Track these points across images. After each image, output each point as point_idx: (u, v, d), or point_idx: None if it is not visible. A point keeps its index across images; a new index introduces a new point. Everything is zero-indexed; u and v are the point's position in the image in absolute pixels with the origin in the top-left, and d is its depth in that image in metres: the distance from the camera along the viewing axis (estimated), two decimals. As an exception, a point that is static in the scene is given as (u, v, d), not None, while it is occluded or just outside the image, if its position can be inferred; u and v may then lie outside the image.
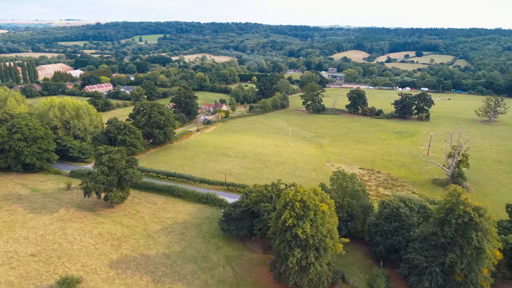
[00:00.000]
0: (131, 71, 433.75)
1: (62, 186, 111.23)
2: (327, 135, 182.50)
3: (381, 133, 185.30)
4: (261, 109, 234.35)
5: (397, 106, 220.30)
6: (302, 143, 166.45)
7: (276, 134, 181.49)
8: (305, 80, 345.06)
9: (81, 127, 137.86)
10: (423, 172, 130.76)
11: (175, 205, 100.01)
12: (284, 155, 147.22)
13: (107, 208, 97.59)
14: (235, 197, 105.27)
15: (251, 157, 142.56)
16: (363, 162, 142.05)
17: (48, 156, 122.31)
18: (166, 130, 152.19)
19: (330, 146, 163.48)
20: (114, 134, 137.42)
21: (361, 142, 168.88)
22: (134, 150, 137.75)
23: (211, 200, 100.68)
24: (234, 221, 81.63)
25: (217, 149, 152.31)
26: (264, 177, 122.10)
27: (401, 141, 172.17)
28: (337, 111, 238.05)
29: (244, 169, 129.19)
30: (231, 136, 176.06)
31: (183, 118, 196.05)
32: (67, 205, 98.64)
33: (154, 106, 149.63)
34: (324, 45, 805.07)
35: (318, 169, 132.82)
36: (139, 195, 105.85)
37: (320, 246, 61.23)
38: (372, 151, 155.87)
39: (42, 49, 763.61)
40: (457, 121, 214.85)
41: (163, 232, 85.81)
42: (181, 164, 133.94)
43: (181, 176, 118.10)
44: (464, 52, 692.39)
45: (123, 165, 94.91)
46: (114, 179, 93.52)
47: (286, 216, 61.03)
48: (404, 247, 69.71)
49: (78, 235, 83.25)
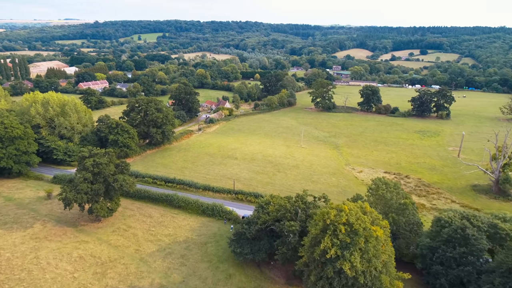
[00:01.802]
0: (128, 68, 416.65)
1: (42, 195, 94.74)
2: (341, 134, 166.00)
3: (400, 133, 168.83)
4: (267, 107, 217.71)
5: (415, 104, 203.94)
6: (315, 144, 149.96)
7: (285, 134, 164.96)
8: (311, 77, 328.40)
9: (67, 126, 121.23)
10: (458, 176, 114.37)
11: (174, 219, 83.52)
12: (297, 157, 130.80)
13: (93, 222, 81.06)
14: (245, 208, 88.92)
15: (260, 160, 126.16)
16: (387, 165, 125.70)
17: (28, 159, 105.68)
18: (165, 129, 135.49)
19: (347, 147, 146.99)
20: (105, 133, 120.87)
21: (380, 143, 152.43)
22: (127, 151, 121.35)
23: (218, 212, 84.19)
24: (249, 242, 65.18)
25: (222, 151, 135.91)
26: (277, 183, 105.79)
27: (425, 141, 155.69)
28: (348, 109, 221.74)
29: (254, 174, 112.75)
30: (237, 136, 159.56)
31: (183, 116, 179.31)
32: (44, 219, 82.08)
33: (150, 102, 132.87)
34: (326, 44, 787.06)
35: (338, 173, 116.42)
36: (131, 206, 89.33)
37: (373, 286, 44.79)
38: (395, 152, 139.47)
39: (38, 47, 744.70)
40: (480, 119, 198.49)
41: (159, 254, 69.29)
42: (181, 167, 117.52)
43: (182, 183, 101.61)
44: (469, 50, 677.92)
45: (111, 170, 78.51)
46: (100, 187, 77.10)
47: (327, 244, 44.61)
48: (475, 281, 53.35)
49: (53, 259, 66.69)
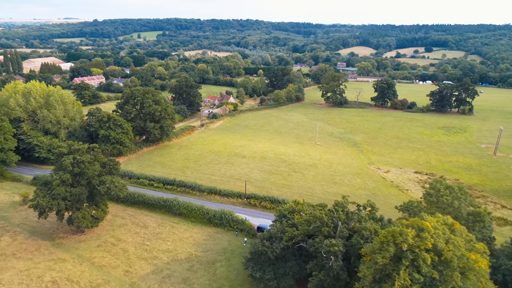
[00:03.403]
0: (127, 64, 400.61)
1: (17, 199, 79.99)
2: (358, 131, 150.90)
3: (423, 129, 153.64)
4: (274, 102, 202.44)
5: (434, 98, 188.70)
6: (331, 141, 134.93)
7: (297, 130, 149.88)
8: (318, 72, 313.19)
9: (52, 120, 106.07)
10: (501, 177, 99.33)
11: (174, 229, 68.55)
12: (313, 155, 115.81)
13: (74, 234, 66.13)
14: (260, 216, 73.99)
15: (272, 158, 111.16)
16: (416, 164, 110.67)
17: (4, 157, 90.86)
18: (163, 124, 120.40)
19: (366, 144, 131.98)
20: (95, 128, 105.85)
21: (403, 139, 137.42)
22: (121, 149, 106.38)
23: (227, 221, 69.12)
24: (270, 264, 50.27)
25: (228, 148, 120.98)
26: (294, 185, 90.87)
27: (452, 138, 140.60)
28: (361, 104, 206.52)
29: (266, 174, 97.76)
30: (243, 133, 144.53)
31: (184, 111, 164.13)
32: (16, 230, 67.20)
33: (147, 93, 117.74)
34: (329, 41, 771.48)
35: (362, 173, 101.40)
36: (123, 213, 74.42)
37: None
38: (422, 150, 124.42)
39: (36, 45, 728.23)
40: (506, 115, 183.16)
41: (155, 277, 54.35)
42: (182, 167, 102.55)
43: (183, 185, 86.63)
44: (475, 47, 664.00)
45: (96, 170, 63.49)
46: (82, 191, 62.20)
47: (404, 282, 29.57)
48: None
49: (18, 285, 51.82)
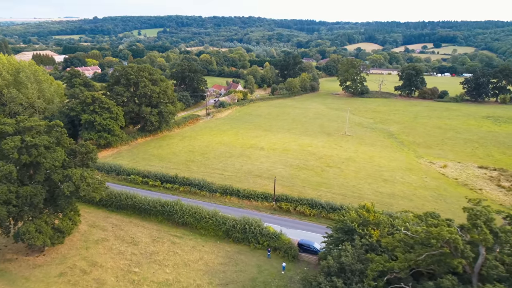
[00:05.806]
0: (125, 57, 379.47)
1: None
2: (390, 121, 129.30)
3: (465, 118, 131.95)
4: (287, 91, 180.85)
5: (469, 86, 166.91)
6: (362, 132, 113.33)
7: (319, 120, 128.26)
8: (330, 63, 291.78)
9: (23, 102, 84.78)
10: None
11: (176, 247, 47.09)
12: (346, 147, 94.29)
13: (28, 254, 44.80)
14: (297, 225, 52.48)
15: (297, 150, 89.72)
16: (476, 157, 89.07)
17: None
18: (162, 110, 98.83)
19: (405, 135, 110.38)
20: (77, 112, 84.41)
21: (448, 130, 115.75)
22: (109, 138, 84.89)
23: (254, 235, 47.43)
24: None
25: (241, 138, 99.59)
26: (333, 183, 69.35)
27: (506, 128, 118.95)
28: (384, 94, 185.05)
29: (294, 169, 76.22)
30: (257, 122, 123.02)
31: (187, 99, 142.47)
32: None
33: (143, 70, 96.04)
34: (334, 37, 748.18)
35: (415, 169, 79.82)
36: (104, 222, 53.03)
37: None
38: (476, 141, 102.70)
39: (34, 41, 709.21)
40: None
41: (145, 335, 32.99)
42: (185, 161, 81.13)
43: (187, 183, 65.11)
44: (485, 43, 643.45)
45: (58, 160, 42.04)
46: (37, 191, 40.79)
47: None
48: None
49: None
